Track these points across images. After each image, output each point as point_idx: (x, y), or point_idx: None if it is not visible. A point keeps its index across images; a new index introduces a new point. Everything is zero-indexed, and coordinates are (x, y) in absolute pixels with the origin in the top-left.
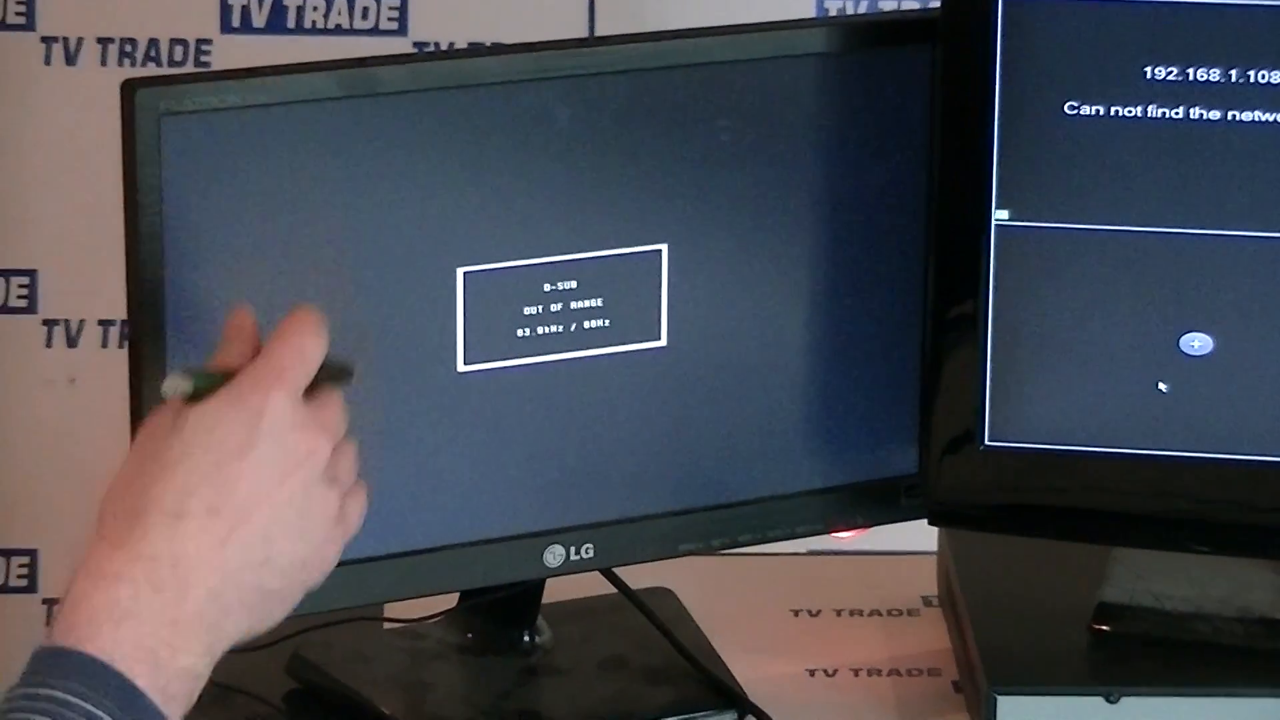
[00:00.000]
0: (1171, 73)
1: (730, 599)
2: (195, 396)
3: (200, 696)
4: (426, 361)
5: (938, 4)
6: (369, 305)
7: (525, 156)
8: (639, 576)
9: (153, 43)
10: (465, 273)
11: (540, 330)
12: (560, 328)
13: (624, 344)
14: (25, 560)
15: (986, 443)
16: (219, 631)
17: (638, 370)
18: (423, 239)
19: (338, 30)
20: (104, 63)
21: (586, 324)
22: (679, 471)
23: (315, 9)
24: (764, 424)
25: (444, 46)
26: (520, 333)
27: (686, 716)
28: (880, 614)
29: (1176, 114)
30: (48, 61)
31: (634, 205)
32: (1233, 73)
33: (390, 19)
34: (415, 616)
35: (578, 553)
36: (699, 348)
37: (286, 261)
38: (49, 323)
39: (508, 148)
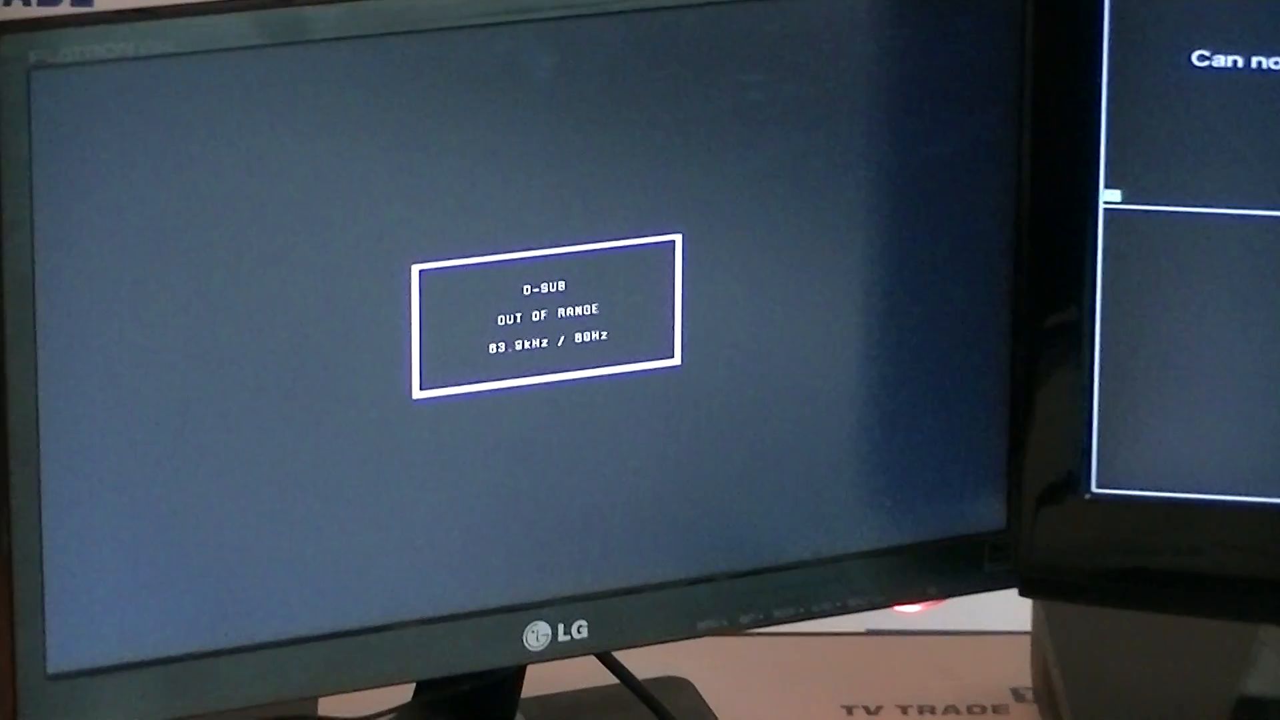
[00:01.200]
0: None
1: (764, 691)
2: None
3: None
4: (372, 386)
5: None
6: (298, 313)
7: (498, 122)
8: (647, 662)
9: None
10: (422, 271)
11: (519, 345)
12: (544, 342)
13: (626, 363)
14: None
15: (1094, 490)
16: None
17: (644, 397)
18: (367, 228)
19: None
20: None
21: (579, 337)
22: (697, 528)
23: None
24: (807, 466)
25: None
26: (493, 349)
27: None
28: (958, 711)
29: None
30: None
31: (638, 183)
32: None
33: None
34: (358, 715)
35: (567, 632)
36: (722, 368)
37: (190, 256)
38: None
39: (474, 111)
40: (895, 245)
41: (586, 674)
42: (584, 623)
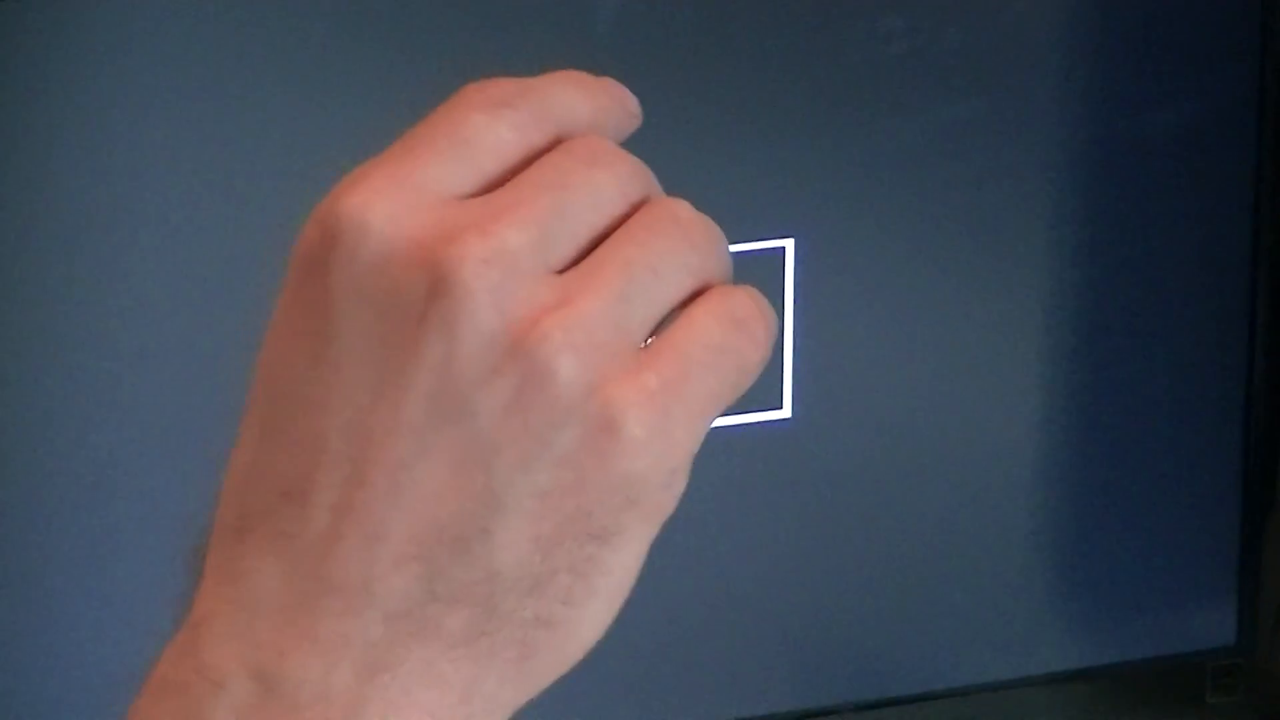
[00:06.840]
0: None
1: None
2: None
3: None
4: None
5: None
6: (204, 338)
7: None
8: None
9: None
10: None
11: None
12: None
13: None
14: None
15: None
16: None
17: (738, 465)
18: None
19: None
20: None
21: None
22: (812, 646)
23: None
24: (966, 561)
25: None
26: None
27: None
28: None
29: None
30: None
31: (732, 168)
32: None
33: None
34: None
35: None
36: (849, 424)
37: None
38: None
39: (506, 62)
40: (1091, 263)
41: None
42: None
